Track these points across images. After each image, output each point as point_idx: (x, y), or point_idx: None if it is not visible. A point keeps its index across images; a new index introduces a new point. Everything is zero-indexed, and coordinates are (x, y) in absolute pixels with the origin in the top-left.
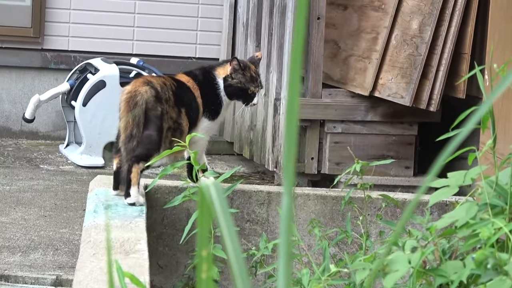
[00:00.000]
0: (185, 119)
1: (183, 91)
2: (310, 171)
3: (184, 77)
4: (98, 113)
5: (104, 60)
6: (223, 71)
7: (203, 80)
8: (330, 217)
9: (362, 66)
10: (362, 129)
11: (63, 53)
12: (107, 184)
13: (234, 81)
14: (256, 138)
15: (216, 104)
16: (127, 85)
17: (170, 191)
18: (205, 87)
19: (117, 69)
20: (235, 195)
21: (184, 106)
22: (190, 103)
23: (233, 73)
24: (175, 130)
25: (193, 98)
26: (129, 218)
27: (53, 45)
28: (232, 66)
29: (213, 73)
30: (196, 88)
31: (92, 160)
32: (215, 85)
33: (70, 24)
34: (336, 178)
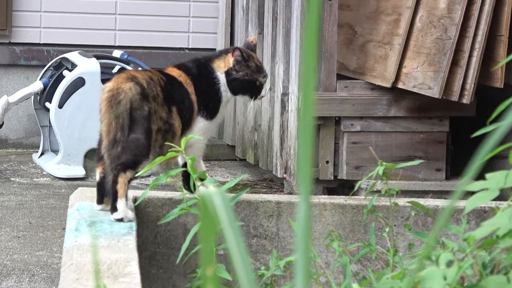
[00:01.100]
0: (177, 119)
1: (173, 87)
2: (325, 176)
3: (175, 71)
4: (77, 116)
5: (82, 54)
6: (223, 64)
7: (198, 74)
8: (351, 229)
9: (382, 53)
10: (385, 126)
11: (34, 47)
12: (90, 198)
13: (239, 74)
14: (261, 140)
15: (214, 101)
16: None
17: (163, 203)
18: (200, 82)
19: (98, 64)
20: (239, 207)
21: (176, 104)
22: (183, 100)
23: (236, 65)
24: (166, 132)
25: (186, 94)
26: (116, 236)
27: (23, 38)
28: (235, 58)
29: (211, 66)
30: (190, 83)
31: (71, 170)
32: (213, 80)
33: (42, 13)
34: (356, 184)
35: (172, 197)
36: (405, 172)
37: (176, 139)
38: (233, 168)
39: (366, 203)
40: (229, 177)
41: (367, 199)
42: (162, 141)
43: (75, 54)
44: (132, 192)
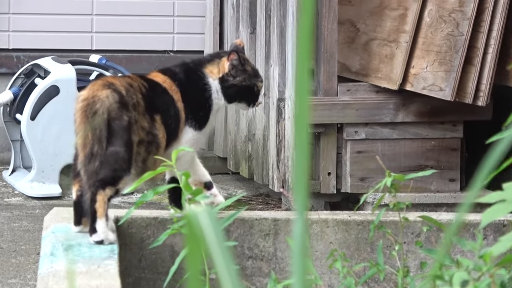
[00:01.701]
0: (161, 129)
1: (156, 94)
2: (327, 190)
3: (160, 76)
4: (51, 128)
5: (56, 60)
6: (216, 69)
7: (186, 80)
8: (356, 247)
9: (388, 52)
10: (392, 133)
11: (2, 53)
12: (66, 219)
13: (236, 79)
14: (255, 151)
15: (204, 110)
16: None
17: (148, 223)
18: (189, 88)
19: (73, 70)
20: (232, 226)
21: (159, 113)
22: (167, 108)
23: (232, 70)
24: (150, 143)
25: (170, 102)
26: (96, 261)
27: None
28: (231, 62)
29: (201, 71)
30: (176, 89)
31: (45, 189)
32: (203, 86)
33: (10, 15)
34: (361, 197)
35: (158, 217)
36: (415, 184)
37: (161, 151)
38: (225, 182)
39: (372, 218)
40: (221, 192)
41: (373, 214)
42: (146, 154)
43: (48, 60)
44: (113, 212)
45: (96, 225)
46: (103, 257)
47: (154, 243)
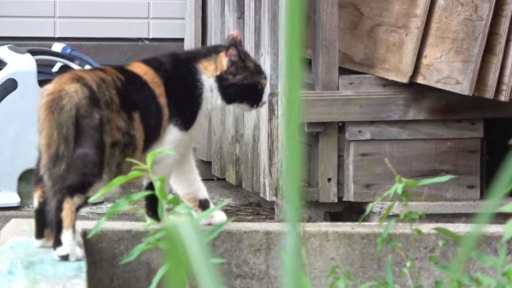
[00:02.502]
0: (140, 128)
1: (135, 88)
2: (327, 198)
3: (141, 67)
4: (8, 128)
5: (12, 49)
6: (213, 66)
7: (172, 72)
8: (361, 264)
9: (396, 39)
10: (401, 132)
11: None
12: (27, 232)
13: (237, 78)
14: (244, 154)
15: (192, 108)
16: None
17: (120, 237)
18: (175, 82)
19: (33, 61)
20: (217, 239)
21: (138, 110)
22: (147, 104)
23: (232, 67)
24: (126, 146)
25: (151, 97)
26: (61, 280)
27: None
28: (229, 58)
29: (194, 65)
30: (158, 82)
31: (1, 197)
32: (194, 82)
33: None
34: (366, 207)
35: (132, 229)
36: (429, 191)
37: (138, 154)
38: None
39: (380, 231)
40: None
41: (381, 226)
42: (121, 157)
43: (3, 49)
44: (80, 224)
45: (62, 236)
46: (69, 276)
47: (125, 258)
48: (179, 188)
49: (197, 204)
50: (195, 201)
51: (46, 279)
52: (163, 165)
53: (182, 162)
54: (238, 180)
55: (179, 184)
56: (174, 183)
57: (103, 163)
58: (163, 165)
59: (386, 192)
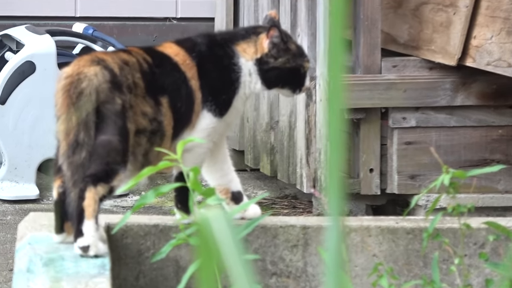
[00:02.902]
0: (168, 114)
1: (163, 70)
2: (369, 190)
3: (172, 48)
4: (26, 114)
5: (30, 30)
6: (253, 48)
7: (207, 54)
8: (405, 261)
9: (443, 19)
10: (449, 119)
11: None
12: (46, 226)
13: (279, 61)
14: (280, 142)
15: (228, 93)
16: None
17: (147, 232)
18: (210, 64)
19: (53, 43)
20: (251, 235)
21: (166, 94)
22: (177, 88)
23: (273, 50)
24: (153, 133)
25: (182, 80)
26: (84, 278)
27: None
28: (270, 40)
29: (232, 48)
30: (191, 64)
31: (19, 189)
32: (231, 66)
33: None
34: (411, 199)
35: (159, 224)
36: (479, 182)
37: (167, 142)
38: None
39: (426, 225)
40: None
41: (427, 220)
42: (148, 146)
43: (21, 30)
44: (104, 218)
45: (83, 227)
46: (91, 274)
47: (156, 256)
48: (210, 178)
49: (229, 196)
50: (227, 193)
51: (67, 278)
52: (195, 154)
53: (215, 151)
54: (273, 171)
55: (211, 174)
56: (205, 173)
57: (128, 151)
58: (195, 154)
59: (432, 183)
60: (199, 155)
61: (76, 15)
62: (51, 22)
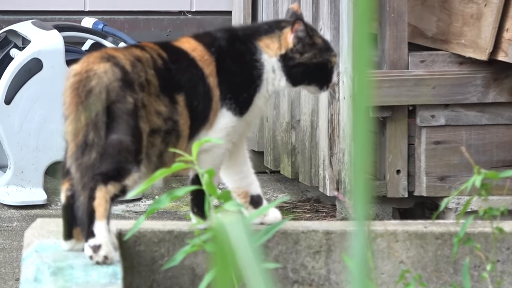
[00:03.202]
0: (184, 113)
1: (179, 67)
2: (396, 193)
3: (190, 43)
4: (33, 115)
5: (37, 25)
6: (276, 44)
7: (227, 50)
8: (434, 268)
9: (474, 11)
10: (480, 117)
11: None
12: (54, 233)
13: (305, 56)
14: (301, 143)
15: (249, 91)
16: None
17: (161, 239)
18: (230, 60)
19: (61, 38)
20: (271, 241)
21: (182, 92)
22: (193, 85)
23: (298, 45)
24: (169, 133)
25: (199, 76)
26: (94, 287)
27: None
28: (295, 34)
29: (254, 43)
30: (209, 60)
31: (26, 194)
32: (252, 63)
33: None
34: (441, 202)
35: (174, 230)
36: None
37: (183, 142)
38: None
39: (456, 229)
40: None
41: (458, 224)
42: (163, 146)
43: (27, 25)
44: (115, 223)
45: (94, 227)
46: (102, 283)
47: (169, 263)
48: (229, 180)
49: (248, 200)
50: (245, 197)
51: (76, 287)
52: (213, 155)
53: (234, 152)
54: (294, 173)
55: (229, 176)
56: (223, 175)
57: (140, 151)
58: (213, 154)
59: (463, 185)
60: (217, 156)
61: (85, 9)
62: (58, 17)
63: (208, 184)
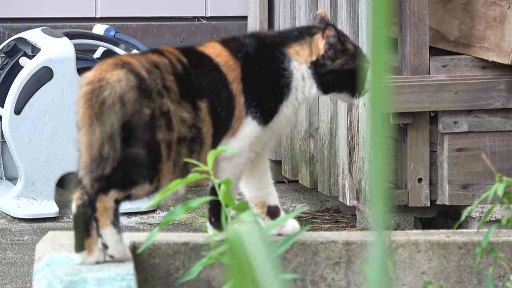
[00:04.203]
0: (207, 120)
1: (202, 72)
2: (417, 202)
3: (215, 48)
4: (43, 125)
5: (47, 32)
6: (307, 51)
7: (254, 57)
8: (458, 278)
9: (497, 13)
10: (504, 123)
11: None
12: (66, 246)
13: (336, 64)
14: (320, 151)
15: (275, 100)
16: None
17: (176, 251)
18: (256, 67)
19: (72, 46)
20: (289, 252)
21: (205, 98)
22: (217, 91)
23: (330, 51)
24: (193, 141)
25: (222, 82)
26: None
27: None
28: (326, 40)
29: (282, 50)
30: (234, 66)
31: (37, 207)
32: (280, 71)
33: None
34: (463, 211)
35: (189, 241)
36: None
37: (206, 151)
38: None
39: (480, 239)
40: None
41: (481, 233)
42: (188, 155)
43: (36, 33)
44: (129, 236)
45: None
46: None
47: (185, 277)
48: (247, 189)
49: (265, 211)
50: (263, 207)
51: None
52: (234, 164)
53: (256, 161)
54: (313, 182)
55: (247, 185)
56: (242, 184)
57: (157, 165)
58: (234, 163)
59: (486, 193)
60: (238, 165)
61: (96, 16)
62: (69, 24)
63: (224, 194)
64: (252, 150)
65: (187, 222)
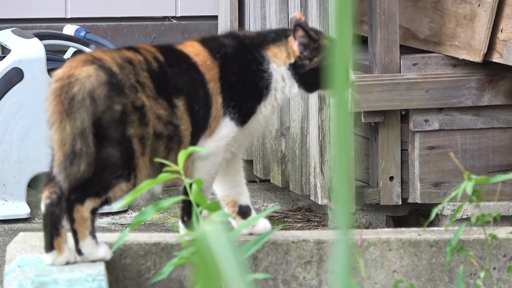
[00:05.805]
0: (185, 118)
1: (178, 70)
2: (389, 200)
3: (194, 47)
4: (14, 126)
5: (17, 33)
6: (284, 53)
7: (233, 57)
8: (429, 277)
9: (467, 11)
10: (475, 121)
11: None
12: (37, 248)
13: (315, 61)
14: (291, 150)
15: (253, 101)
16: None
17: (147, 251)
18: (235, 68)
19: (42, 47)
20: (260, 251)
21: (182, 96)
22: (194, 90)
23: (305, 52)
24: (170, 138)
25: (199, 81)
26: None
27: None
28: (298, 42)
29: (261, 52)
30: (212, 65)
31: (8, 208)
32: (259, 73)
33: None
34: (434, 209)
35: (161, 242)
36: (505, 189)
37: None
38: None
39: (450, 237)
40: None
41: (451, 231)
42: (165, 153)
43: (6, 34)
44: (100, 236)
45: (81, 247)
46: None
47: (156, 277)
48: (219, 188)
49: (236, 210)
50: (234, 206)
51: None
52: (210, 164)
53: (231, 161)
54: (285, 181)
55: (220, 184)
56: (215, 182)
57: (131, 160)
58: (209, 163)
59: (456, 191)
60: (213, 165)
61: (66, 16)
62: (39, 25)
63: (196, 194)
64: (228, 150)
65: (158, 222)
